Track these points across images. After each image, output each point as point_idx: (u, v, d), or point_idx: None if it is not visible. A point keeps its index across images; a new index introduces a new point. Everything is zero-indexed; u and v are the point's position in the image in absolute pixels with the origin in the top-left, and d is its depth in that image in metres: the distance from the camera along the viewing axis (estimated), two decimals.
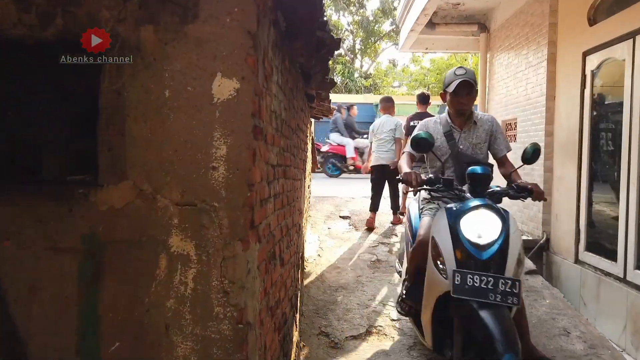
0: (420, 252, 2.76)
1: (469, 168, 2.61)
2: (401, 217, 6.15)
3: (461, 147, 2.98)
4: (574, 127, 4.88)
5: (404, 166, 2.92)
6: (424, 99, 6.32)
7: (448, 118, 3.05)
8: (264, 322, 1.80)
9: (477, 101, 7.77)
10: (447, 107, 3.09)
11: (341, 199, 7.64)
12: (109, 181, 1.49)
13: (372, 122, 16.55)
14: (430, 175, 2.76)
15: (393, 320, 3.73)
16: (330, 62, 3.60)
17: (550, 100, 5.37)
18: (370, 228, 6.06)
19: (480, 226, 2.37)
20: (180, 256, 1.49)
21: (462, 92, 2.88)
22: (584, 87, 4.77)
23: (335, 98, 17.56)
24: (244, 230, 1.51)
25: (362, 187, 9.22)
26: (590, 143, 4.69)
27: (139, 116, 1.50)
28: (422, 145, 2.71)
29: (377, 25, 22.24)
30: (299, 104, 3.38)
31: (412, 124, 6.03)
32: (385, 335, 3.54)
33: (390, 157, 6.15)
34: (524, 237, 5.59)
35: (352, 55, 23.10)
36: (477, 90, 3.07)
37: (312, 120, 6.72)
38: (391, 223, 6.30)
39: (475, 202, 2.45)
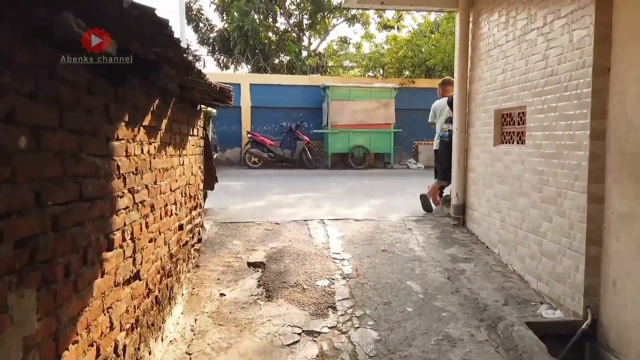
0: None
1: None
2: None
3: None
4: None
5: None
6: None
7: None
8: None
9: (455, 84, 5.41)
10: None
11: (259, 225, 5.11)
12: None
13: (319, 108, 13.92)
14: None
15: None
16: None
17: (600, 75, 3.03)
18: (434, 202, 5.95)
19: None
20: None
21: None
22: None
23: (277, 79, 14.86)
24: None
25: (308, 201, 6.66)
26: None
27: None
28: None
29: None
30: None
31: None
32: None
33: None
34: (550, 314, 3.28)
35: (299, 32, 20.34)
36: None
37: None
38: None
39: None
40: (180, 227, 3.37)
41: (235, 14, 16.34)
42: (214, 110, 5.32)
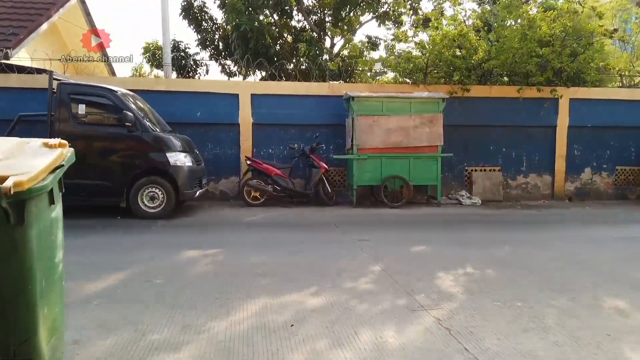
0: None
1: None
2: None
3: None
4: None
5: None
6: None
7: None
8: None
9: None
10: None
11: None
12: None
13: (341, 125, 10.22)
14: None
15: None
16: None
17: None
18: None
19: None
20: None
21: None
22: None
23: (286, 88, 11.50)
24: None
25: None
26: None
27: None
28: None
29: None
30: None
31: None
32: None
33: None
34: None
35: (320, 31, 17.06)
36: None
37: None
38: None
39: None
40: None
41: (231, 11, 13.18)
42: (65, 152, 1.96)
